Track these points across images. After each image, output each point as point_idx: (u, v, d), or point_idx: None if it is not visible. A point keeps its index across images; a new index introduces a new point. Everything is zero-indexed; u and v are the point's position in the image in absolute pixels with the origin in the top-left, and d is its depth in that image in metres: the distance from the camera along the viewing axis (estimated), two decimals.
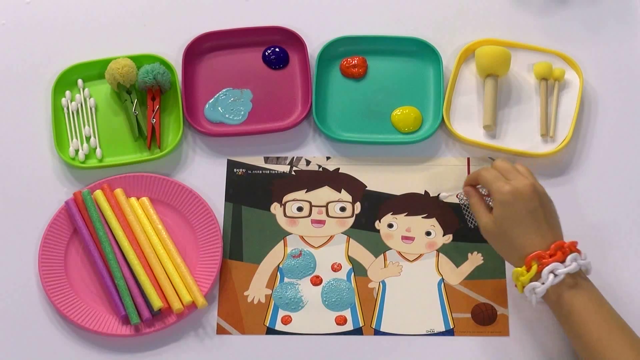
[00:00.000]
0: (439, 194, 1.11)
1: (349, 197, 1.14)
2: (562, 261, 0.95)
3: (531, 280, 0.96)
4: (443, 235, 1.11)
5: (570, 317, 0.94)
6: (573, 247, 0.97)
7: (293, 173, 1.15)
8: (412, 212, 1.13)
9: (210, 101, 1.19)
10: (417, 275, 1.09)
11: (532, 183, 0.99)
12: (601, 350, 0.91)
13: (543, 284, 0.95)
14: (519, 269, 0.96)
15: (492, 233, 1.00)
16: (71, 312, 1.05)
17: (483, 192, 1.05)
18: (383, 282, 1.09)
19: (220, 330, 1.06)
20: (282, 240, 1.11)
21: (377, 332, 1.06)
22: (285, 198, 1.14)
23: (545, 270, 0.94)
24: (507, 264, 1.08)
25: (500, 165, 1.02)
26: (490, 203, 1.02)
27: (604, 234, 1.11)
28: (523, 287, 0.97)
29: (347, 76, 1.21)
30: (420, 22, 1.24)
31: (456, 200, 1.11)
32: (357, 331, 1.06)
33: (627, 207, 1.12)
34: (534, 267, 0.95)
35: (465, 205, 1.12)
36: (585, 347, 0.93)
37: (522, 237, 0.97)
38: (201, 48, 1.22)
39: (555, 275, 0.94)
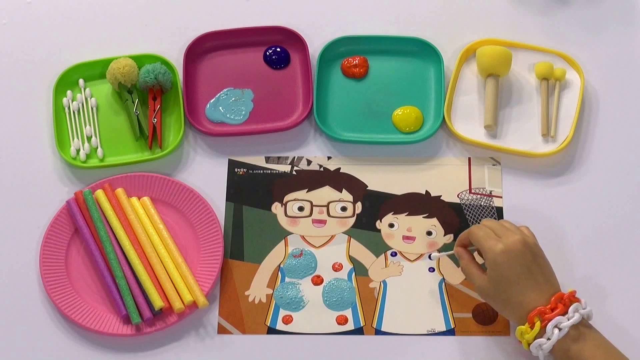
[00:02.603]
0: (429, 255, 1.10)
1: (349, 197, 1.14)
2: (564, 313, 0.94)
3: (536, 337, 0.95)
4: (444, 235, 1.11)
5: None
6: (573, 297, 0.96)
7: (294, 173, 1.15)
8: (413, 212, 1.13)
9: (212, 101, 1.20)
10: (418, 275, 1.09)
11: (522, 238, 0.97)
12: None
13: (549, 339, 0.94)
14: (522, 327, 0.96)
15: (489, 294, 0.99)
16: (72, 311, 1.05)
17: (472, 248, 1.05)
18: (384, 282, 1.09)
19: (221, 330, 1.06)
20: (283, 240, 1.11)
21: (378, 332, 1.06)
22: (286, 198, 1.14)
23: (550, 325, 0.93)
24: None
25: (488, 223, 1.01)
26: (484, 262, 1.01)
27: (604, 233, 1.11)
28: (528, 344, 0.96)
29: (348, 76, 1.21)
30: (421, 22, 1.24)
31: (446, 260, 1.09)
32: (358, 331, 1.06)
33: (627, 207, 1.12)
34: (537, 324, 0.94)
35: (466, 206, 1.12)
36: None
37: (520, 295, 0.96)
38: (202, 48, 1.22)
39: (560, 330, 0.93)
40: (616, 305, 1.06)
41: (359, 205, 1.13)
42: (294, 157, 1.16)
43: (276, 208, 1.13)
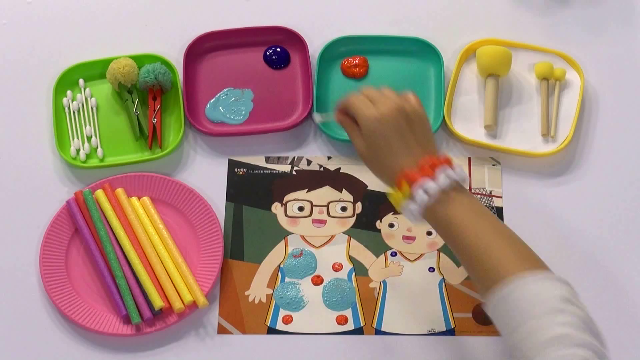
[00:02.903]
0: (313, 114, 1.12)
1: (350, 197, 1.14)
2: (433, 177, 0.93)
3: (404, 201, 0.94)
4: None
5: (450, 231, 0.92)
6: (444, 161, 0.94)
7: (294, 173, 1.15)
8: None
9: (212, 101, 1.20)
10: (418, 275, 1.09)
11: (396, 104, 0.97)
12: (479, 252, 0.89)
13: (417, 202, 0.93)
14: (391, 191, 0.96)
15: (365, 158, 0.99)
16: (72, 311, 1.05)
17: None
18: (384, 282, 1.09)
19: (221, 330, 1.06)
20: (283, 240, 1.11)
21: (378, 332, 1.06)
22: (286, 198, 1.14)
23: (417, 188, 0.93)
24: None
25: (366, 91, 1.01)
26: None
27: (604, 233, 1.11)
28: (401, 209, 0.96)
29: (348, 76, 1.21)
30: (421, 22, 1.24)
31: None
32: (358, 331, 1.06)
33: (627, 206, 1.12)
34: (405, 187, 0.93)
35: None
36: (468, 258, 0.91)
37: (391, 159, 0.96)
38: (202, 48, 1.22)
39: (427, 193, 0.92)
40: (616, 305, 1.06)
41: (359, 205, 1.13)
42: (294, 157, 1.16)
43: (276, 208, 1.13)
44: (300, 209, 1.13)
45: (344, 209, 1.13)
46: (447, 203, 0.92)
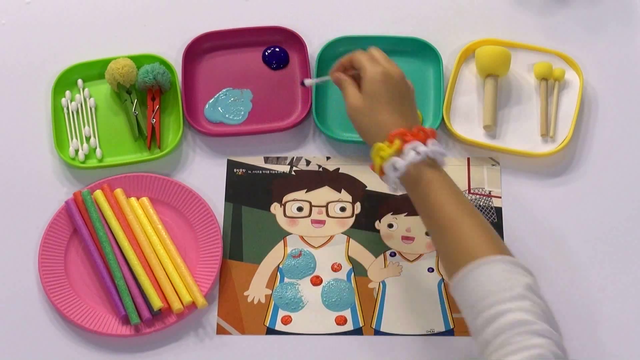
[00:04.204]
0: (303, 80, 1.13)
1: (349, 197, 1.14)
2: (424, 142, 0.96)
3: (391, 156, 0.96)
4: None
5: (427, 196, 0.94)
6: (434, 135, 0.98)
7: (293, 173, 1.15)
8: (412, 212, 1.12)
9: (210, 101, 1.19)
10: (417, 276, 1.09)
11: (402, 72, 1.02)
12: (454, 228, 0.92)
13: (404, 159, 0.95)
14: (380, 143, 0.97)
15: (360, 109, 1.00)
16: (71, 312, 1.05)
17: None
18: (383, 282, 1.09)
19: (220, 331, 1.06)
20: (282, 241, 1.11)
21: (377, 332, 1.06)
22: (285, 198, 1.14)
23: (408, 146, 0.95)
24: None
25: (373, 51, 1.04)
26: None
27: (603, 233, 1.10)
28: (381, 165, 0.97)
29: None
30: (420, 22, 1.24)
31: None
32: (357, 331, 1.06)
33: (627, 206, 1.12)
34: (397, 143, 0.95)
35: None
36: (438, 224, 0.93)
37: (387, 115, 0.98)
38: (201, 48, 1.22)
39: (418, 153, 0.95)
40: (616, 305, 1.06)
41: (358, 205, 1.13)
42: (293, 158, 1.16)
43: (275, 208, 1.13)
44: (299, 209, 1.13)
45: (343, 209, 1.13)
46: (431, 167, 0.95)
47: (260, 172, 1.15)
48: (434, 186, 0.94)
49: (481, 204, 1.12)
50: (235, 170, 1.15)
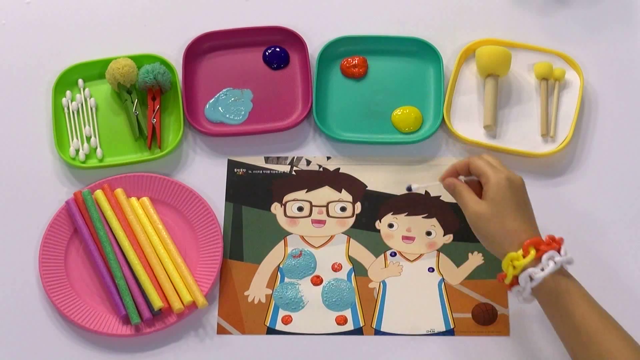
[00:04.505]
0: (409, 186, 1.08)
1: (349, 197, 1.14)
2: (558, 251, 0.94)
3: (526, 267, 0.93)
4: (443, 235, 1.11)
5: (567, 308, 0.92)
6: (562, 242, 0.96)
7: (293, 173, 1.15)
8: (412, 212, 1.13)
9: (211, 101, 1.20)
10: (417, 275, 1.09)
11: (521, 179, 1.00)
12: (599, 342, 0.89)
13: (542, 270, 0.93)
14: (514, 253, 0.94)
15: (485, 215, 0.97)
16: (71, 311, 1.05)
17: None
18: (383, 282, 1.09)
19: (221, 330, 1.06)
20: (283, 240, 1.11)
21: (378, 332, 1.06)
22: (286, 198, 1.14)
23: (545, 256, 0.93)
24: None
25: (489, 158, 1.03)
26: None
27: (603, 233, 1.11)
28: (514, 276, 0.94)
29: (347, 76, 1.21)
30: (420, 22, 1.24)
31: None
32: (358, 331, 1.06)
33: (626, 206, 1.12)
34: (532, 252, 0.93)
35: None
36: (580, 338, 0.90)
37: (517, 222, 0.96)
38: (201, 48, 1.22)
39: (555, 263, 0.92)
40: (614, 304, 1.05)
41: (358, 205, 1.13)
42: (294, 157, 1.16)
43: (275, 208, 1.13)
44: (300, 209, 1.13)
45: (343, 209, 1.13)
46: (568, 278, 0.93)
47: (261, 172, 1.15)
48: (573, 297, 0.92)
49: None
50: (235, 170, 1.15)
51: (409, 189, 1.08)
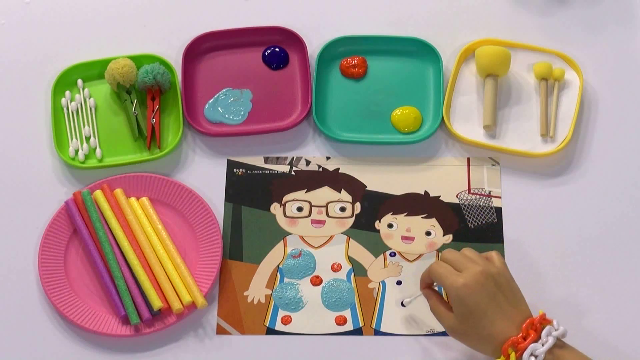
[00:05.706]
0: (402, 301, 1.07)
1: (348, 197, 1.14)
2: (538, 339, 0.91)
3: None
4: (443, 235, 1.11)
5: None
6: (544, 321, 0.93)
7: (293, 173, 1.15)
8: (412, 212, 1.12)
9: (210, 101, 1.19)
10: (417, 275, 1.09)
11: (482, 269, 0.94)
12: None
13: (543, 345, 0.91)
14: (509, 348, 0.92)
15: (458, 331, 0.95)
16: (71, 312, 1.05)
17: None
18: (383, 282, 1.09)
19: (220, 331, 1.06)
20: (282, 241, 1.11)
21: (377, 332, 1.06)
22: (285, 198, 1.14)
23: (525, 355, 0.90)
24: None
25: (448, 257, 0.97)
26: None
27: (603, 234, 1.10)
28: None
29: (347, 76, 1.21)
30: (420, 22, 1.24)
31: (420, 303, 1.05)
32: (357, 331, 1.06)
33: (626, 207, 1.12)
34: (512, 355, 0.91)
35: (465, 206, 1.12)
36: None
37: (489, 327, 0.92)
38: (201, 48, 1.22)
39: (536, 357, 0.91)
40: (616, 305, 1.06)
41: (357, 205, 1.13)
42: (293, 158, 1.16)
43: (275, 208, 1.13)
44: (299, 209, 1.13)
45: (342, 209, 1.13)
46: (561, 349, 0.91)
47: (260, 172, 1.15)
48: None
49: (481, 204, 1.12)
50: (235, 170, 1.15)
51: (402, 304, 1.07)
